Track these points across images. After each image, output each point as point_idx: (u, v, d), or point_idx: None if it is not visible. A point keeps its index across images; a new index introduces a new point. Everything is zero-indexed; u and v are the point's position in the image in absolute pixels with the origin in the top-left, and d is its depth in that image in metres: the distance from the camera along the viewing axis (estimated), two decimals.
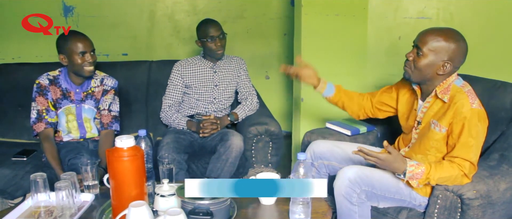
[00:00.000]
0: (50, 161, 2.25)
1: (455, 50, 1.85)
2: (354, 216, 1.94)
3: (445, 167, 1.86)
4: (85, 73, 2.36)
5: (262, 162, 2.63)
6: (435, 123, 1.92)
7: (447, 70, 1.87)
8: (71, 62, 2.34)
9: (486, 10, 2.82)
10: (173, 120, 2.71)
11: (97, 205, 1.84)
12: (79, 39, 2.32)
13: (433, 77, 1.91)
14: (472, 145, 1.85)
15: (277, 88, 3.98)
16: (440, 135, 1.91)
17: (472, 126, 1.83)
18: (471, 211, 1.82)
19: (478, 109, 1.84)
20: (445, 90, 1.91)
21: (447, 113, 1.87)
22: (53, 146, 2.31)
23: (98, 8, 3.55)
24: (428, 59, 1.87)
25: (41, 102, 2.38)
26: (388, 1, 2.96)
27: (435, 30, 1.89)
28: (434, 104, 1.95)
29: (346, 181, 1.90)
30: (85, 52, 2.31)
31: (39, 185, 1.78)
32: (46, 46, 3.26)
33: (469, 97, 1.85)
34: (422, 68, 1.89)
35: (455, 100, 1.85)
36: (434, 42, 1.85)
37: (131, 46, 3.67)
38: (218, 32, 2.64)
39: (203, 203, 1.62)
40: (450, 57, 1.85)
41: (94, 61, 2.37)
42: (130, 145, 1.63)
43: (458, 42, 1.86)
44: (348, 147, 2.26)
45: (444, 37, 1.85)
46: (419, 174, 1.86)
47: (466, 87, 1.92)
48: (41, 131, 2.35)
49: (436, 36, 1.86)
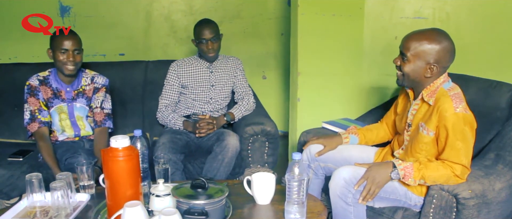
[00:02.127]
0: (46, 159, 2.25)
1: (440, 51, 1.83)
2: (349, 216, 1.94)
3: (435, 165, 1.87)
4: (65, 71, 2.36)
5: (258, 162, 2.63)
6: (423, 126, 1.91)
7: (435, 72, 1.86)
8: (54, 58, 2.36)
9: (482, 10, 2.83)
10: (169, 120, 2.71)
11: (92, 205, 1.84)
12: (65, 37, 2.32)
13: (422, 80, 1.91)
14: (460, 148, 1.83)
15: (274, 88, 3.98)
16: (429, 138, 1.90)
17: (458, 130, 1.81)
18: (467, 210, 1.82)
19: (463, 113, 1.81)
20: (431, 94, 1.90)
21: (432, 116, 1.87)
22: (49, 145, 2.31)
23: (94, 8, 3.55)
24: (413, 64, 1.87)
25: (33, 103, 2.38)
26: (384, 1, 2.97)
27: (417, 34, 1.88)
28: (422, 107, 1.95)
29: (342, 181, 1.91)
30: (67, 50, 2.31)
31: (35, 185, 1.78)
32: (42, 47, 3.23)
33: (453, 101, 1.83)
34: (409, 73, 1.90)
35: (439, 104, 1.84)
36: (417, 46, 1.84)
37: (127, 46, 3.67)
38: (211, 35, 2.63)
39: (198, 202, 1.62)
40: (435, 59, 1.84)
41: (76, 61, 2.35)
42: (125, 145, 1.62)
43: (442, 43, 1.84)
44: (344, 148, 2.26)
45: (427, 40, 1.84)
46: (409, 167, 1.87)
47: (452, 90, 1.89)
48: (35, 130, 2.35)
49: (418, 40, 1.85)
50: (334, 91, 2.95)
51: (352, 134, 2.28)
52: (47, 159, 2.25)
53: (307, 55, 2.89)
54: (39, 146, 2.31)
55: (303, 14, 2.83)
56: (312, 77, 2.91)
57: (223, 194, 1.67)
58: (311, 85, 2.93)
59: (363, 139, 2.28)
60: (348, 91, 2.99)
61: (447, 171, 1.84)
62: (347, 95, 2.99)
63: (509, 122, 2.22)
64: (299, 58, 2.89)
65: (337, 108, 2.96)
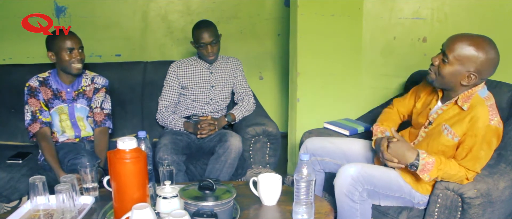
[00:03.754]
0: (49, 160, 2.22)
1: (484, 62, 1.75)
2: (355, 214, 1.95)
3: (453, 165, 1.83)
4: (73, 71, 2.35)
5: (260, 163, 2.63)
6: (447, 129, 1.86)
7: (472, 81, 1.79)
8: (59, 59, 2.33)
9: (480, 10, 2.85)
10: (169, 121, 2.69)
11: (97, 207, 1.81)
12: (68, 36, 2.31)
13: (457, 86, 1.84)
14: (482, 157, 1.82)
15: (271, 88, 3.98)
16: (451, 143, 1.85)
17: (486, 142, 1.79)
18: (472, 210, 1.84)
19: (496, 126, 1.78)
20: (466, 99, 1.84)
21: (463, 121, 1.80)
22: (51, 145, 2.29)
23: (90, 9, 3.51)
24: (453, 67, 1.79)
25: (33, 104, 2.36)
26: (383, 2, 2.98)
27: (465, 37, 1.79)
28: (451, 109, 1.89)
29: (349, 178, 1.90)
30: (73, 48, 2.31)
31: (38, 188, 1.76)
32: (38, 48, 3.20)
33: (490, 112, 1.78)
34: (446, 76, 1.82)
35: (474, 112, 1.78)
36: (463, 50, 1.76)
37: (124, 47, 3.63)
38: (210, 39, 2.60)
39: (207, 204, 1.61)
40: (477, 69, 1.76)
41: (82, 59, 2.36)
42: (132, 147, 1.61)
43: (488, 53, 1.75)
44: (341, 142, 2.26)
45: (474, 47, 1.75)
46: (430, 164, 1.81)
47: (489, 100, 1.84)
48: (37, 131, 2.32)
49: (465, 44, 1.76)
50: (333, 91, 2.96)
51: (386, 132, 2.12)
52: (50, 160, 2.22)
53: (307, 55, 2.89)
54: (42, 146, 2.28)
55: (302, 14, 2.83)
56: (311, 77, 2.91)
57: (231, 195, 1.67)
58: (310, 85, 2.93)
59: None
60: (347, 91, 2.99)
61: (462, 174, 1.84)
62: (346, 96, 3.00)
63: (509, 121, 2.25)
64: (298, 58, 2.89)
65: (336, 109, 2.96)
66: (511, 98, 2.27)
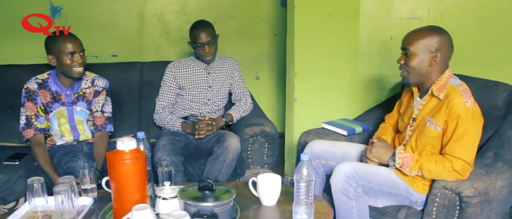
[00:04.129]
0: (43, 166, 2.20)
1: (440, 40, 1.94)
2: (352, 211, 1.97)
3: (433, 158, 1.92)
4: (74, 74, 2.32)
5: (258, 163, 2.63)
6: (430, 120, 1.96)
7: (439, 60, 1.95)
8: (59, 63, 2.29)
9: (476, 10, 2.87)
10: (167, 122, 2.68)
11: (96, 209, 1.81)
12: (68, 39, 2.27)
13: (428, 71, 1.98)
14: (465, 142, 1.88)
15: (267, 89, 3.98)
16: (436, 133, 1.95)
17: (465, 124, 1.86)
18: (470, 208, 1.85)
19: (472, 107, 1.88)
20: (441, 88, 1.96)
21: (442, 110, 1.92)
22: (45, 151, 2.26)
23: (86, 9, 3.49)
24: (417, 56, 1.96)
25: (30, 108, 2.32)
26: (380, 2, 2.99)
27: (416, 30, 2.00)
28: (430, 102, 2.00)
29: (342, 175, 1.94)
30: (74, 52, 2.27)
31: (37, 190, 1.74)
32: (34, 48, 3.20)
33: (463, 96, 1.89)
34: (415, 66, 1.97)
35: (450, 99, 1.90)
36: (418, 39, 1.95)
37: (120, 47, 3.62)
38: (208, 39, 2.60)
39: (207, 205, 1.61)
40: (437, 47, 1.93)
41: (83, 62, 2.33)
42: (132, 148, 1.61)
43: (440, 33, 1.96)
44: (345, 146, 2.28)
45: (426, 32, 1.96)
46: (408, 158, 1.95)
47: (461, 86, 1.96)
48: (30, 137, 2.30)
49: (418, 33, 1.97)
50: (331, 91, 2.96)
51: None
52: (44, 166, 2.20)
53: (304, 55, 2.89)
54: (35, 153, 2.26)
55: (300, 14, 2.84)
56: (308, 77, 2.92)
57: (231, 196, 1.67)
58: (308, 85, 2.93)
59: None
60: (344, 91, 3.00)
61: (446, 164, 1.87)
62: (344, 96, 3.00)
63: (506, 120, 2.27)
64: (295, 58, 2.89)
65: (334, 109, 2.97)
66: (508, 97, 2.29)
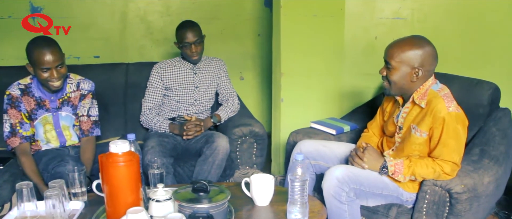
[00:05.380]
0: (30, 175, 2.13)
1: (422, 55, 1.89)
2: (344, 215, 1.97)
3: (425, 163, 1.93)
4: (51, 88, 2.21)
5: (247, 163, 2.63)
6: (415, 128, 1.96)
7: (421, 76, 1.92)
8: (36, 74, 2.17)
9: (459, 10, 2.92)
10: (154, 123, 2.65)
11: (88, 212, 1.77)
12: (45, 53, 2.09)
13: (409, 86, 1.96)
14: (452, 145, 1.89)
15: (252, 89, 3.97)
16: (422, 140, 1.96)
17: (451, 128, 1.88)
18: (460, 204, 1.89)
19: (455, 112, 1.88)
20: (422, 96, 1.95)
21: (426, 118, 1.92)
22: (32, 160, 2.20)
23: (67, 9, 3.42)
24: (399, 71, 1.93)
25: (14, 115, 2.23)
26: (364, 2, 3.02)
27: (398, 42, 1.94)
28: (413, 110, 2.00)
29: (334, 180, 1.94)
30: (49, 68, 2.12)
31: (25, 194, 1.70)
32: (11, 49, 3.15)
33: (445, 101, 1.89)
34: (396, 81, 1.95)
35: (432, 106, 1.90)
36: (400, 53, 1.90)
37: (103, 48, 3.56)
38: (194, 38, 2.59)
39: (202, 206, 1.60)
40: (419, 63, 1.90)
41: (60, 75, 2.18)
42: (125, 150, 1.59)
43: (423, 47, 1.90)
44: (335, 146, 2.29)
45: (409, 46, 1.90)
46: (400, 164, 1.94)
47: (442, 91, 1.96)
48: (16, 146, 2.22)
49: (400, 47, 1.91)
50: (317, 91, 2.98)
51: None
52: (32, 176, 2.13)
53: (290, 55, 2.90)
54: (21, 161, 2.18)
55: (286, 15, 2.84)
56: (295, 77, 2.92)
57: (226, 197, 1.66)
58: (294, 85, 2.94)
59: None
60: (330, 91, 3.02)
61: (436, 169, 1.90)
62: (329, 95, 3.02)
63: (490, 118, 2.33)
64: (282, 58, 2.90)
65: (320, 108, 2.99)
66: (491, 96, 2.35)
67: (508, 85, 2.66)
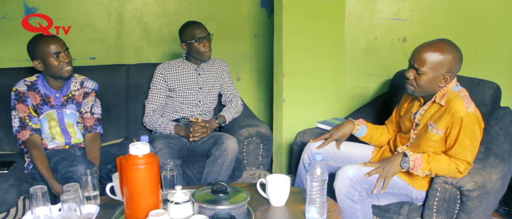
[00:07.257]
0: (41, 170, 2.12)
1: (452, 61, 1.91)
2: (357, 214, 1.99)
3: (442, 159, 1.96)
4: (64, 74, 2.27)
5: (253, 164, 2.63)
6: (432, 125, 1.99)
7: (448, 81, 1.95)
8: (47, 66, 2.24)
9: (458, 11, 2.96)
10: (159, 125, 2.63)
11: (103, 216, 1.75)
12: (51, 40, 2.24)
13: (436, 89, 1.98)
14: (468, 145, 1.93)
15: (249, 89, 3.96)
16: (438, 137, 1.98)
17: (468, 128, 1.91)
18: (470, 201, 1.93)
19: (474, 113, 1.92)
20: (442, 96, 1.98)
21: (444, 116, 1.94)
22: (43, 154, 2.19)
23: (62, 10, 3.36)
24: (428, 76, 1.93)
25: (22, 109, 2.25)
26: (364, 3, 3.05)
27: (429, 46, 1.93)
28: (431, 108, 2.03)
29: (347, 180, 1.96)
30: (59, 52, 2.23)
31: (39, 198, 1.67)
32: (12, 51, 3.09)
33: (465, 102, 1.92)
34: (425, 85, 1.96)
35: (452, 105, 1.92)
36: (432, 59, 1.91)
37: (99, 49, 3.50)
38: (206, 33, 2.62)
39: (224, 208, 1.60)
40: (449, 69, 1.92)
41: (70, 60, 2.29)
42: (146, 152, 1.57)
43: (453, 52, 1.92)
44: (344, 146, 2.31)
45: (440, 52, 1.91)
46: (419, 159, 1.96)
47: (462, 92, 1.99)
48: (26, 138, 2.21)
49: (431, 53, 1.91)
50: (319, 91, 2.99)
51: (363, 124, 2.30)
52: (42, 170, 2.11)
53: (292, 56, 2.91)
54: (33, 155, 2.17)
55: (287, 15, 2.85)
56: (297, 78, 2.93)
57: (246, 197, 1.66)
58: (296, 86, 2.94)
59: (370, 133, 2.30)
60: (331, 91, 3.03)
61: (452, 166, 1.94)
62: (330, 95, 3.04)
63: (492, 116, 2.37)
64: (284, 59, 2.90)
65: (321, 108, 3.00)
66: (493, 95, 2.40)
67: (508, 84, 2.73)
